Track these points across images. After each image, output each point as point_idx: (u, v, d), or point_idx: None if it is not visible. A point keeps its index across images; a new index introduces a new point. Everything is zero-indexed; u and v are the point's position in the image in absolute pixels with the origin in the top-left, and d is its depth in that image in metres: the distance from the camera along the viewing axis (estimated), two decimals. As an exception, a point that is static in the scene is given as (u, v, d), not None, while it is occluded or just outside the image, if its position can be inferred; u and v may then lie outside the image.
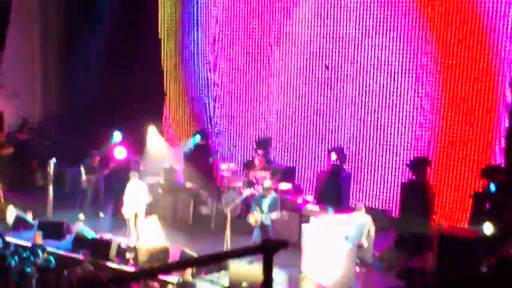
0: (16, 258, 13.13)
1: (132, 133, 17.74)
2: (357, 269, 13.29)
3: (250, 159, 17.00)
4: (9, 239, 14.59)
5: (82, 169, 16.67)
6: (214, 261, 12.56)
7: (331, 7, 16.73)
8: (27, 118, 20.53)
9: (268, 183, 14.19)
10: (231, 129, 18.58)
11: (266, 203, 13.72)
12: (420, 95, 15.87)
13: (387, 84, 16.22)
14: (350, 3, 16.42)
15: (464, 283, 12.24)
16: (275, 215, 13.64)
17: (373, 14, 16.18)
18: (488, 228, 13.15)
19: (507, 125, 14.45)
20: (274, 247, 4.45)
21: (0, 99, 19.76)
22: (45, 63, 20.86)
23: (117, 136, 17.15)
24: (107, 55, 19.26)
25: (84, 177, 16.59)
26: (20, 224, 15.65)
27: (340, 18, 16.66)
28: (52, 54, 20.77)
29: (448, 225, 15.08)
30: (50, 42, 20.72)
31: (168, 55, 19.34)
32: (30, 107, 20.72)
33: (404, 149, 16.05)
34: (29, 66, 20.75)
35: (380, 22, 16.12)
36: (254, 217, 13.72)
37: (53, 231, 15.05)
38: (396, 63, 16.03)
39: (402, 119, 16.09)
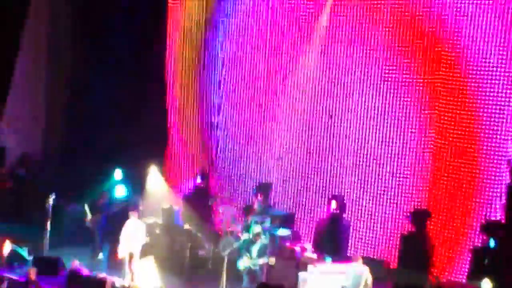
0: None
1: (133, 172, 17.69)
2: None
3: (250, 203, 16.91)
4: (3, 274, 14.45)
5: (86, 208, 16.59)
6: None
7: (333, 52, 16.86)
8: (28, 153, 20.55)
9: (258, 228, 14.22)
10: (232, 172, 18.51)
11: (255, 249, 13.73)
12: (422, 146, 15.83)
13: (388, 133, 16.19)
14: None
15: None
16: (262, 260, 13.65)
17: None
18: (486, 284, 13.06)
19: (508, 181, 14.39)
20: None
21: (6, 136, 19.85)
22: (50, 101, 20.93)
23: (117, 174, 17.08)
24: (111, 94, 19.31)
25: (89, 216, 16.50)
26: (15, 259, 15.48)
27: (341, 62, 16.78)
28: (57, 92, 20.85)
29: (446, 279, 14.93)
30: (56, 81, 20.81)
31: (174, 96, 19.40)
32: (33, 142, 20.74)
33: (404, 200, 15.96)
34: (34, 104, 20.82)
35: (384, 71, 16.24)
36: (243, 261, 13.76)
37: (48, 267, 14.89)
38: (399, 114, 16.04)
39: (403, 170, 16.03)
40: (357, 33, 16.54)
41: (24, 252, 15.65)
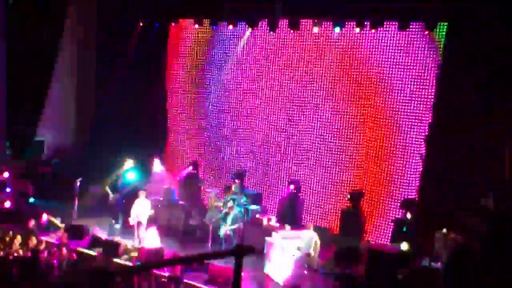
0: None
1: (141, 161, 17.61)
2: (305, 272, 13.22)
3: (229, 185, 16.92)
4: (42, 237, 14.33)
5: (108, 189, 16.47)
6: (198, 261, 12.48)
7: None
8: (60, 145, 20.35)
9: (231, 203, 14.33)
10: (216, 162, 18.51)
11: (229, 218, 13.81)
12: (357, 144, 15.97)
13: (333, 135, 16.30)
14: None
15: (384, 286, 12.23)
16: (235, 226, 13.83)
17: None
18: (404, 246, 13.21)
19: (420, 169, 14.56)
20: (243, 252, 4.40)
21: (44, 130, 19.62)
22: (79, 105, 20.74)
23: (129, 163, 17.01)
24: (126, 101, 19.17)
25: (111, 195, 16.38)
26: (50, 226, 15.38)
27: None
28: (84, 97, 20.66)
29: (375, 242, 15.08)
30: (84, 88, 20.63)
31: (173, 104, 19.31)
32: (64, 136, 20.55)
33: (344, 184, 16.10)
34: (66, 107, 20.61)
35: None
36: (221, 230, 13.84)
37: (76, 233, 14.85)
38: (341, 122, 16.17)
39: (344, 161, 16.16)
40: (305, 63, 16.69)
41: (57, 221, 15.54)
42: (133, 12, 18.65)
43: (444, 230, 12.70)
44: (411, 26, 14.55)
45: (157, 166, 18.24)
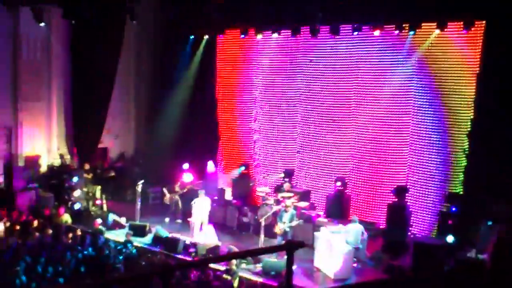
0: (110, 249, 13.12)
1: (196, 164, 17.76)
2: (354, 265, 13.01)
3: (279, 184, 16.87)
4: (108, 236, 14.63)
5: (165, 190, 16.71)
6: (251, 255, 12.48)
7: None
8: (124, 151, 20.78)
9: (289, 202, 14.19)
10: (266, 163, 18.48)
11: (286, 216, 13.66)
12: (401, 136, 15.63)
13: (379, 132, 16.00)
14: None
15: (431, 278, 11.88)
16: (293, 224, 13.60)
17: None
18: (450, 239, 12.87)
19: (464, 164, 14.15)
20: (294, 247, 4.33)
21: (107, 139, 20.09)
22: (137, 114, 21.15)
23: (186, 166, 17.18)
24: (180, 110, 19.41)
25: (167, 195, 16.61)
26: (116, 226, 15.68)
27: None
28: (142, 107, 21.05)
29: (420, 236, 14.72)
30: (142, 99, 21.02)
31: (223, 110, 19.40)
32: (126, 144, 20.98)
33: (388, 181, 15.77)
34: (126, 116, 21.05)
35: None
36: (278, 227, 13.70)
37: (139, 230, 15.07)
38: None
39: (386, 161, 15.85)
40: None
41: (122, 220, 15.83)
42: (184, 27, 18.88)
43: (489, 222, 12.26)
44: (449, 26, 14.12)
45: (211, 167, 18.38)
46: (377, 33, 15.23)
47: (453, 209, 13.69)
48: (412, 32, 14.74)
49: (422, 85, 15.15)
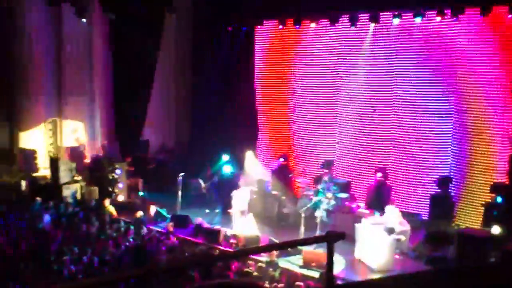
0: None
1: (236, 155, 17.86)
2: (396, 256, 12.87)
3: (319, 175, 16.79)
4: (150, 227, 14.90)
5: (200, 180, 16.90)
6: (292, 246, 12.49)
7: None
8: (165, 143, 21.07)
9: (329, 194, 14.15)
10: (305, 154, 18.42)
11: (326, 206, 13.64)
12: (444, 125, 15.31)
13: (422, 121, 15.71)
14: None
15: (476, 269, 11.63)
16: (332, 215, 13.62)
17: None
18: (495, 230, 12.55)
19: (510, 152, 13.76)
20: (335, 238, 4.31)
21: (148, 131, 20.41)
22: (177, 106, 21.39)
23: (225, 157, 17.30)
24: (219, 102, 19.55)
25: (203, 185, 16.79)
26: (158, 217, 15.94)
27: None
28: (182, 99, 21.27)
29: (465, 227, 14.42)
30: (182, 91, 21.23)
31: (262, 101, 19.42)
32: (167, 136, 21.26)
33: (431, 170, 15.49)
34: (167, 109, 21.31)
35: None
36: (319, 213, 13.71)
37: (181, 222, 15.26)
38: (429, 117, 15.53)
39: (428, 150, 15.55)
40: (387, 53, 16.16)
41: (164, 212, 16.08)
42: (222, 18, 18.97)
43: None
44: (493, 11, 13.71)
45: (251, 159, 18.43)
46: (418, 20, 14.92)
47: (499, 199, 13.34)
48: (453, 18, 14.38)
49: (466, 72, 14.76)
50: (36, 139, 18.49)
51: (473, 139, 14.66)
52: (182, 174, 16.48)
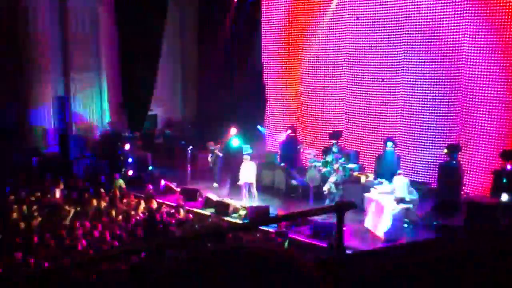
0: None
1: (244, 129, 17.82)
2: (405, 225, 12.90)
3: (327, 146, 16.76)
4: (160, 200, 14.99)
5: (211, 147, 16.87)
6: (301, 217, 12.54)
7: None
8: (171, 118, 21.07)
9: (336, 165, 14.13)
10: (313, 125, 18.34)
11: (334, 178, 13.60)
12: (453, 92, 15.13)
13: (430, 89, 15.51)
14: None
15: (486, 236, 11.65)
16: (341, 185, 13.66)
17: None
18: (505, 197, 12.51)
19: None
20: (344, 207, 4.30)
21: (156, 105, 20.40)
22: (184, 80, 21.33)
23: (233, 130, 17.26)
24: (228, 75, 19.45)
25: (209, 158, 16.79)
26: (168, 191, 16.02)
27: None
28: (188, 76, 21.20)
29: (474, 194, 14.37)
30: (188, 65, 21.14)
31: (269, 73, 19.28)
32: (174, 110, 21.26)
33: (439, 139, 15.37)
34: (174, 83, 21.26)
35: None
36: (327, 187, 13.71)
37: (190, 195, 15.34)
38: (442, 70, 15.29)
39: (438, 119, 15.41)
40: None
41: (173, 185, 16.10)
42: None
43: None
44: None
45: (259, 131, 18.39)
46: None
47: (508, 167, 13.25)
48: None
49: (475, 39, 14.49)
50: (45, 116, 18.53)
51: (483, 106, 14.48)
52: (190, 147, 16.48)
